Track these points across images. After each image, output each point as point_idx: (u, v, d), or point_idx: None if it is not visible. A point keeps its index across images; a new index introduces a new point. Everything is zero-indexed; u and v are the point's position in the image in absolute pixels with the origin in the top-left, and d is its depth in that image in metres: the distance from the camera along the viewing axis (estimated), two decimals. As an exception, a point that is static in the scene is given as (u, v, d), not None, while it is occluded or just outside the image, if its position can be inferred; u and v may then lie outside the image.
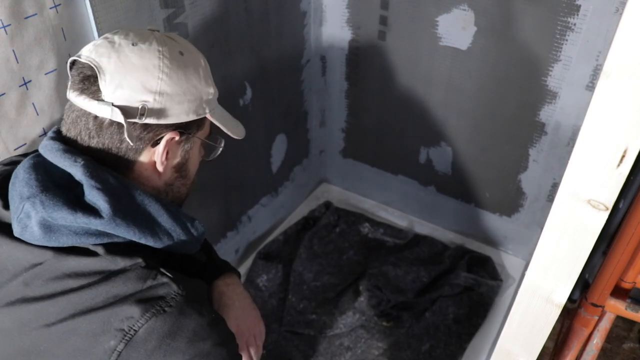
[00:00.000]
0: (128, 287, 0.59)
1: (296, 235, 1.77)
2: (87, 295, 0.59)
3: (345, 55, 1.62)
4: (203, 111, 0.69)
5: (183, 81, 0.66)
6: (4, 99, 0.79)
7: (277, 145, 1.65)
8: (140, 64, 0.63)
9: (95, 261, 0.60)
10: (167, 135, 0.66)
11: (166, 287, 0.60)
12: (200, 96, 0.68)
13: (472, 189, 1.65)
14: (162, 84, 0.64)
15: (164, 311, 0.59)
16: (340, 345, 1.43)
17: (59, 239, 0.59)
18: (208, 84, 0.70)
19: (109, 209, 0.60)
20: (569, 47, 1.23)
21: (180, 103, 0.66)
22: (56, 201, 0.59)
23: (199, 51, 0.73)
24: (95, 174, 0.61)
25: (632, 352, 1.57)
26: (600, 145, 0.48)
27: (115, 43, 0.65)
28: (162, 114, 0.64)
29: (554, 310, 0.63)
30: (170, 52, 0.66)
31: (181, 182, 0.73)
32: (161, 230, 0.65)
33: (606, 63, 0.43)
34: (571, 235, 0.55)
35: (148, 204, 0.64)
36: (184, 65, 0.67)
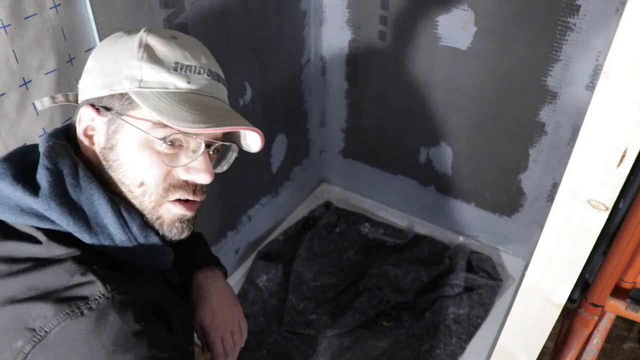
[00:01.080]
0: (53, 280, 0.54)
1: (296, 235, 1.77)
2: (10, 285, 0.54)
3: (345, 55, 1.62)
4: (120, 86, 0.60)
5: (103, 55, 0.63)
6: (4, 99, 0.79)
7: (277, 145, 1.65)
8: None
9: (32, 247, 0.57)
10: (82, 109, 0.63)
11: (91, 287, 0.54)
12: (118, 70, 0.61)
13: (472, 189, 1.65)
14: (89, 62, 0.65)
15: (82, 313, 0.52)
16: (340, 345, 1.43)
17: (4, 212, 0.58)
18: (133, 58, 0.60)
19: (47, 190, 0.57)
20: (569, 47, 1.23)
21: (95, 77, 0.63)
22: (6, 170, 0.59)
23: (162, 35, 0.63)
24: (53, 155, 0.60)
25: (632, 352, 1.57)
26: (600, 145, 0.48)
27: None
28: (81, 90, 0.65)
29: (554, 310, 0.63)
30: (117, 33, 0.66)
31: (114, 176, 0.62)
32: (100, 228, 0.59)
33: (606, 63, 0.43)
34: (571, 235, 0.55)
35: (96, 201, 0.59)
36: (114, 43, 0.63)
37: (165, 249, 0.65)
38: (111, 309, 0.54)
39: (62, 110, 0.89)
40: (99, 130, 0.63)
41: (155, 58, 0.61)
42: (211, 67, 0.67)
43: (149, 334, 0.56)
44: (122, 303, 0.55)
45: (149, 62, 0.61)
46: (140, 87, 0.60)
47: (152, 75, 0.61)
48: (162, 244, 0.64)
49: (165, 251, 0.65)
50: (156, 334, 0.58)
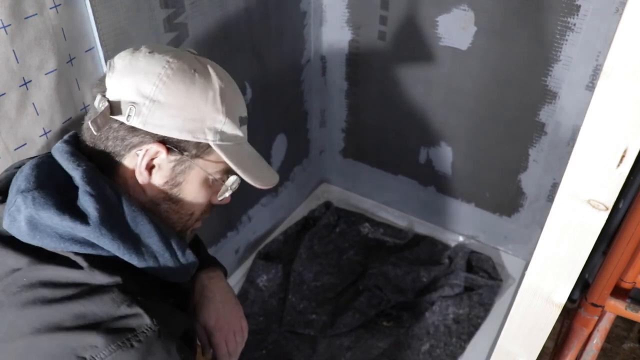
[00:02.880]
0: (100, 309, 0.57)
1: (296, 235, 1.77)
2: (55, 311, 0.56)
3: (345, 55, 1.62)
4: (204, 136, 0.65)
5: (182, 96, 0.63)
6: (4, 99, 0.79)
7: (277, 145, 1.65)
8: (144, 68, 0.63)
9: (74, 272, 0.58)
10: (150, 144, 0.64)
11: (139, 319, 0.57)
12: (202, 118, 0.65)
13: (472, 189, 1.65)
14: (156, 91, 0.62)
15: (132, 345, 0.55)
16: (340, 345, 1.43)
17: (42, 239, 0.58)
18: (218, 111, 0.66)
19: (97, 217, 0.59)
20: (569, 47, 1.23)
21: (173, 117, 0.63)
22: (47, 200, 0.58)
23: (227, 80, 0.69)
24: (94, 180, 0.61)
25: (632, 352, 1.57)
26: (600, 145, 0.48)
27: (138, 49, 0.66)
28: (150, 122, 0.63)
29: (554, 310, 0.63)
30: (181, 65, 0.64)
31: (170, 207, 0.70)
32: (148, 251, 0.63)
33: (606, 63, 0.43)
34: (571, 235, 0.55)
35: (140, 222, 0.63)
36: (190, 82, 0.64)
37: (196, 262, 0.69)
38: (157, 342, 0.57)
39: (62, 110, 0.89)
40: (163, 167, 0.66)
41: (232, 113, 0.68)
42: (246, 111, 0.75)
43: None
44: (165, 336, 0.58)
45: (229, 117, 0.68)
46: (221, 141, 0.67)
47: (229, 129, 0.68)
48: (194, 257, 0.69)
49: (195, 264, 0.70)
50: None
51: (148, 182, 0.67)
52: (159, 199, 0.69)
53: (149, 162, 0.65)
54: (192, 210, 0.72)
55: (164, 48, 0.67)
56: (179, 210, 0.70)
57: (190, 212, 0.72)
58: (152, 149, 0.64)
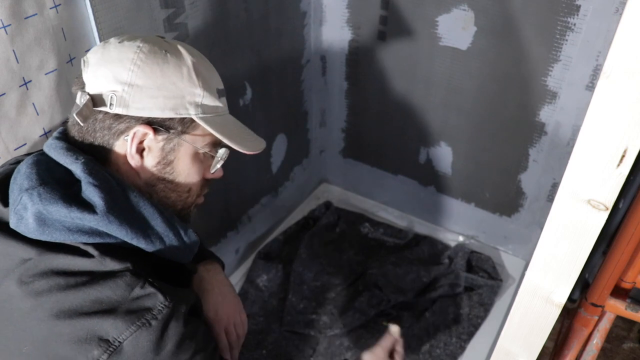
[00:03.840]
0: (115, 293, 0.59)
1: (296, 235, 1.77)
2: (73, 297, 0.58)
3: (345, 55, 1.62)
4: (186, 111, 0.67)
5: (157, 76, 0.65)
6: (4, 99, 0.79)
7: (277, 145, 1.65)
8: (116, 56, 0.65)
9: (85, 261, 0.60)
10: (136, 128, 0.66)
11: (153, 298, 0.60)
12: (181, 94, 0.67)
13: (472, 189, 1.65)
14: (132, 76, 0.64)
15: (150, 324, 0.59)
16: (340, 345, 1.43)
17: (52, 234, 0.60)
18: (195, 85, 0.68)
19: (104, 206, 0.60)
20: (569, 47, 1.23)
21: (153, 97, 0.65)
22: (53, 194, 0.60)
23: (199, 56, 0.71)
24: (94, 171, 0.63)
25: (632, 352, 1.57)
26: (600, 145, 0.48)
27: (108, 41, 0.68)
28: (132, 106, 0.65)
29: (554, 310, 0.63)
30: (151, 48, 0.66)
31: (166, 187, 0.72)
32: (153, 233, 0.65)
33: (606, 63, 0.43)
34: (571, 235, 0.55)
35: (143, 206, 0.65)
36: (163, 62, 0.66)
37: (198, 240, 0.71)
38: (171, 317, 0.61)
39: (62, 110, 0.89)
40: (152, 147, 0.68)
41: (208, 86, 0.70)
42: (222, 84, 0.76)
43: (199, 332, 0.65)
44: (178, 311, 0.62)
45: (207, 90, 0.69)
46: (203, 114, 0.69)
47: (209, 102, 0.70)
48: (195, 236, 0.70)
49: (197, 243, 0.71)
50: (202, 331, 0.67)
51: (141, 165, 0.69)
52: (153, 180, 0.70)
53: (139, 145, 0.67)
54: (189, 187, 0.74)
55: (132, 36, 0.69)
56: (175, 188, 0.72)
57: (187, 189, 0.74)
58: (139, 131, 0.66)
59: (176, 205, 0.74)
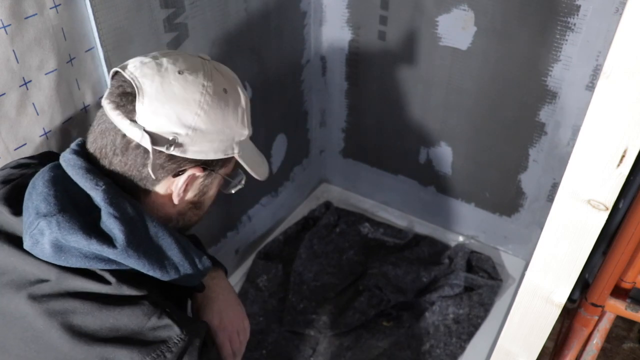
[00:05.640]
0: (132, 322, 0.59)
1: (296, 235, 1.77)
2: (90, 321, 0.58)
3: (345, 55, 1.62)
4: (232, 151, 0.69)
5: (220, 121, 0.66)
6: (4, 99, 0.79)
7: (277, 145, 1.65)
8: (182, 95, 0.63)
9: (102, 287, 0.60)
10: (190, 170, 0.67)
11: (169, 330, 0.60)
12: (232, 137, 0.68)
13: (472, 189, 1.65)
14: (198, 120, 0.63)
15: (165, 356, 0.59)
16: (340, 345, 1.43)
17: (68, 260, 0.59)
18: (244, 126, 0.70)
19: (124, 240, 0.59)
20: (569, 47, 1.23)
21: (212, 141, 0.66)
22: (72, 224, 0.58)
23: (242, 89, 0.72)
24: (115, 201, 0.61)
25: (632, 352, 1.57)
26: (600, 145, 0.48)
27: (162, 66, 0.64)
28: (191, 149, 0.65)
29: (554, 310, 0.63)
30: (215, 88, 0.65)
31: (194, 213, 0.75)
32: (170, 264, 0.65)
33: (606, 63, 0.43)
34: (571, 235, 0.55)
35: (161, 237, 0.64)
36: (225, 105, 0.66)
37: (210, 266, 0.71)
38: (186, 351, 0.61)
39: (62, 110, 0.89)
40: (194, 183, 0.69)
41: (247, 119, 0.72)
42: None
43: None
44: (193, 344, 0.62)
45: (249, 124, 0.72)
46: (240, 151, 0.71)
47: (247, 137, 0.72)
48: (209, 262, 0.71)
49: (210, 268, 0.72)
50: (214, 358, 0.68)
51: (181, 199, 0.70)
52: (185, 210, 0.73)
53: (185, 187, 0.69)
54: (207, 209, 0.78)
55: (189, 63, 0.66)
56: (200, 213, 0.76)
57: (206, 211, 0.78)
58: (194, 175, 0.68)
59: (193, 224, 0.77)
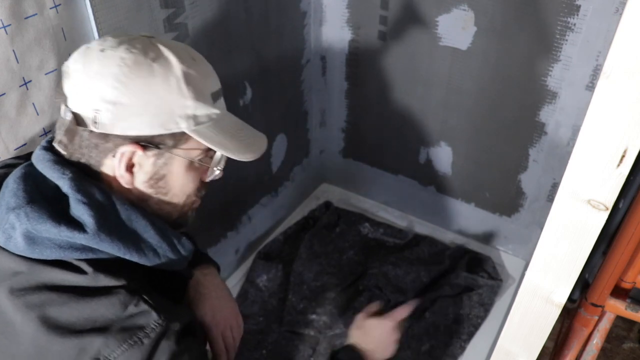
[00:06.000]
0: (109, 312, 0.58)
1: (296, 235, 1.76)
2: (66, 313, 0.57)
3: (345, 55, 1.62)
4: (176, 126, 0.64)
5: (144, 92, 0.61)
6: (4, 99, 0.79)
7: (277, 145, 1.65)
8: (99, 70, 0.61)
9: (79, 277, 0.59)
10: (123, 147, 0.63)
11: (146, 316, 0.59)
12: (170, 109, 0.63)
13: (472, 189, 1.65)
14: (117, 94, 0.60)
15: (142, 342, 0.58)
16: (340, 345, 1.43)
17: (42, 252, 0.59)
18: (185, 97, 0.63)
19: (94, 224, 0.59)
20: (569, 47, 1.23)
21: (140, 115, 0.61)
22: (41, 213, 0.58)
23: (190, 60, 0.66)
24: (82, 187, 0.61)
25: (632, 352, 1.57)
26: (600, 145, 0.48)
27: (89, 48, 0.64)
28: (118, 125, 0.61)
29: (554, 310, 0.63)
30: (136, 59, 0.61)
31: (160, 200, 0.69)
32: (147, 246, 0.64)
33: (606, 63, 0.43)
34: (571, 235, 0.55)
35: (135, 220, 0.63)
36: (149, 75, 0.61)
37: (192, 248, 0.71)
38: (163, 335, 0.60)
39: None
40: (143, 164, 0.66)
41: (200, 93, 0.65)
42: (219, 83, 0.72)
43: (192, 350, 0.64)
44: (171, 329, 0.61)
45: (198, 100, 0.65)
46: (195, 125, 0.65)
47: (201, 111, 0.66)
48: (190, 244, 0.70)
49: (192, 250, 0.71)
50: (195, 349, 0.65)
51: (132, 182, 0.66)
52: (146, 196, 0.68)
53: (128, 163, 0.65)
54: (186, 195, 0.71)
55: (116, 41, 0.64)
56: (170, 200, 0.70)
57: (183, 199, 0.72)
58: (127, 150, 0.63)
59: (172, 215, 0.72)
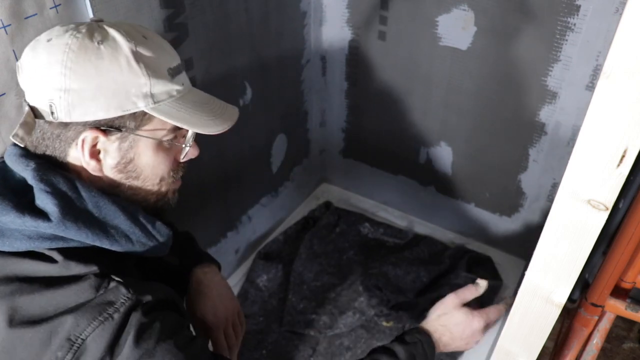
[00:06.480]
0: (80, 297, 0.58)
1: (296, 235, 1.76)
2: (37, 303, 0.57)
3: (345, 55, 1.62)
4: (134, 106, 0.62)
5: (93, 75, 0.60)
6: (4, 99, 0.79)
7: (277, 145, 1.65)
8: (46, 60, 0.60)
9: (49, 266, 0.59)
10: (84, 134, 0.62)
11: (116, 292, 0.59)
12: (124, 89, 0.61)
13: (472, 189, 1.65)
14: (66, 80, 0.59)
15: (112, 318, 0.57)
16: (340, 345, 1.43)
17: (12, 244, 0.59)
18: (138, 75, 0.62)
19: (58, 212, 0.59)
20: (569, 47, 1.23)
21: (94, 99, 0.60)
22: (4, 205, 0.59)
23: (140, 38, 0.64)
24: (45, 177, 0.61)
25: (632, 352, 1.57)
26: (600, 145, 0.48)
27: (38, 40, 0.63)
28: (73, 112, 0.60)
29: (554, 310, 0.63)
30: (82, 43, 0.60)
31: (132, 184, 0.68)
32: (117, 232, 0.63)
33: (606, 63, 0.43)
34: (571, 235, 0.55)
35: (103, 206, 0.63)
36: (96, 57, 0.60)
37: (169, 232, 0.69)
38: (133, 308, 0.59)
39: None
40: (108, 149, 0.65)
41: (155, 70, 0.63)
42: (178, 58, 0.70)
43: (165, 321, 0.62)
44: (140, 301, 0.60)
45: (154, 77, 0.63)
46: (154, 103, 0.63)
47: (159, 89, 0.64)
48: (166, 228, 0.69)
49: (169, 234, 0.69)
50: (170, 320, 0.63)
51: (100, 169, 0.65)
52: (117, 182, 0.67)
53: (92, 150, 0.64)
54: (158, 178, 0.70)
55: (63, 29, 0.62)
56: (143, 184, 0.69)
57: (158, 181, 0.70)
58: (88, 136, 0.62)
59: (149, 199, 0.70)
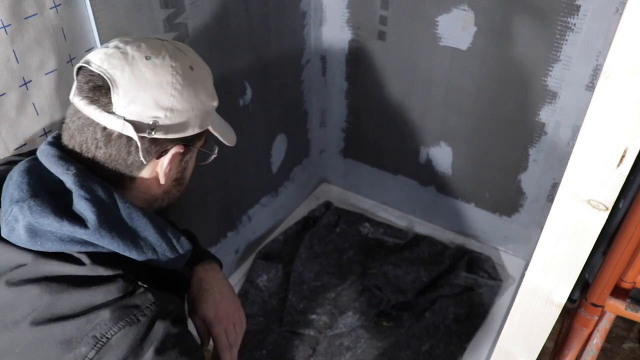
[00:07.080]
0: (107, 298, 0.61)
1: (296, 235, 1.77)
2: (66, 302, 0.59)
3: (345, 55, 1.62)
4: (207, 124, 0.72)
5: (193, 97, 0.68)
6: (4, 99, 0.79)
7: (277, 145, 1.65)
8: (154, 80, 0.64)
9: (78, 268, 0.61)
10: (173, 149, 0.68)
11: (142, 297, 0.62)
12: (206, 110, 0.71)
13: (472, 189, 1.65)
14: (173, 101, 0.65)
15: (138, 320, 0.60)
16: (340, 345, 1.43)
17: (44, 244, 0.60)
18: (213, 98, 0.73)
19: (95, 220, 0.60)
20: (569, 47, 1.23)
21: (189, 118, 0.68)
22: (44, 207, 0.60)
23: (204, 62, 0.74)
24: (85, 183, 0.62)
25: (632, 352, 1.57)
26: (600, 145, 0.48)
27: (129, 55, 0.65)
28: (171, 129, 0.66)
29: (554, 310, 0.64)
30: (182, 67, 0.67)
31: (177, 189, 0.76)
32: (146, 244, 0.66)
33: (606, 63, 0.43)
34: (571, 235, 0.55)
35: (136, 218, 0.65)
36: (194, 81, 0.68)
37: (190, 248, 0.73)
38: (159, 315, 0.62)
39: (61, 110, 0.89)
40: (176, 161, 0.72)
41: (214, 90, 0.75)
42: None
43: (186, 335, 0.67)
44: (166, 310, 0.64)
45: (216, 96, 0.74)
46: (212, 121, 0.73)
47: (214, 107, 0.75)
48: (188, 243, 0.72)
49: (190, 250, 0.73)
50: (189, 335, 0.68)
51: (165, 180, 0.71)
52: (170, 188, 0.74)
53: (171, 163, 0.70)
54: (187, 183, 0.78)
55: (149, 46, 0.66)
56: (181, 187, 0.77)
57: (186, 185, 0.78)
58: (177, 152, 0.69)
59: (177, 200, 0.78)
